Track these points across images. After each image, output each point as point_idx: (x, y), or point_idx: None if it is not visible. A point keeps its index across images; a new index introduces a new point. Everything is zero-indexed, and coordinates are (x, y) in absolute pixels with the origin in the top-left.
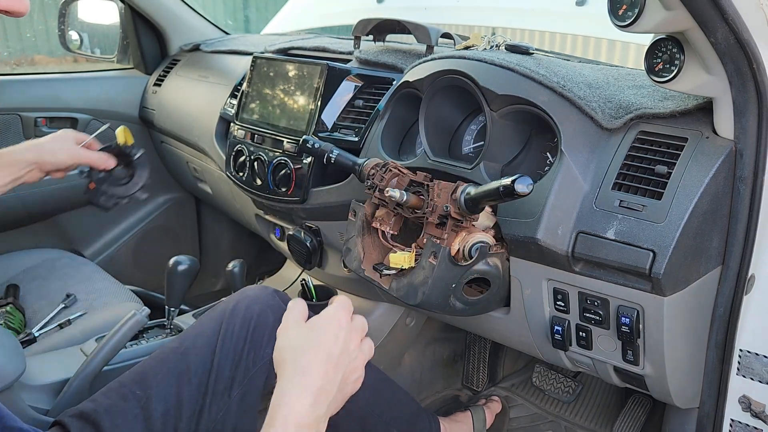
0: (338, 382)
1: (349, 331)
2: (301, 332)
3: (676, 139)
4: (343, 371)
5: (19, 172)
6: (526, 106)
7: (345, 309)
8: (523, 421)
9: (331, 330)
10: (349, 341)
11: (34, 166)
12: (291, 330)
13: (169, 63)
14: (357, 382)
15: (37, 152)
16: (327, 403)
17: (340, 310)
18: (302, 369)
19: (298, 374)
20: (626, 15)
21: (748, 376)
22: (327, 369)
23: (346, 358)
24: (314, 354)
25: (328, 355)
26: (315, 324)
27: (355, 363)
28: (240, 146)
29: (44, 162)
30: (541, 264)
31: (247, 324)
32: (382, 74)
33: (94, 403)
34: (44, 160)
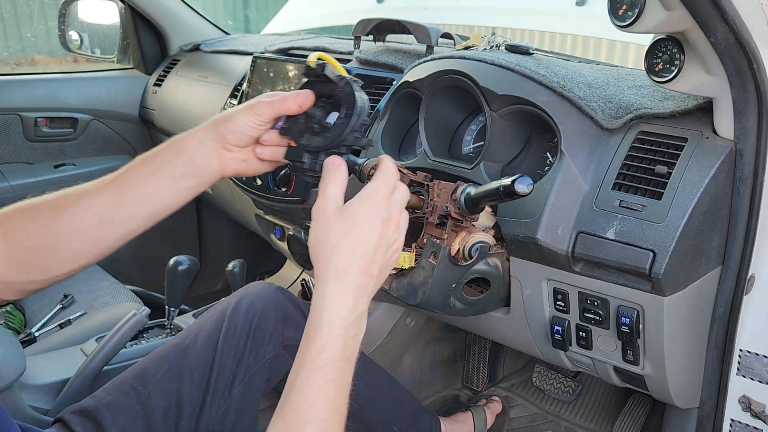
0: (377, 274)
1: (388, 217)
2: (337, 225)
3: (676, 139)
4: (381, 261)
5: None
6: (526, 106)
7: (388, 186)
8: (524, 421)
9: (369, 221)
10: (388, 229)
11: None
12: (328, 220)
13: (169, 63)
14: (395, 260)
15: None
16: (367, 295)
17: (382, 189)
18: (340, 271)
19: (337, 277)
20: (626, 15)
21: (748, 376)
22: (365, 266)
23: (383, 247)
24: (351, 252)
25: (365, 251)
26: (352, 213)
27: (394, 246)
28: None
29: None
30: (541, 264)
31: (249, 322)
32: (382, 74)
33: (95, 399)
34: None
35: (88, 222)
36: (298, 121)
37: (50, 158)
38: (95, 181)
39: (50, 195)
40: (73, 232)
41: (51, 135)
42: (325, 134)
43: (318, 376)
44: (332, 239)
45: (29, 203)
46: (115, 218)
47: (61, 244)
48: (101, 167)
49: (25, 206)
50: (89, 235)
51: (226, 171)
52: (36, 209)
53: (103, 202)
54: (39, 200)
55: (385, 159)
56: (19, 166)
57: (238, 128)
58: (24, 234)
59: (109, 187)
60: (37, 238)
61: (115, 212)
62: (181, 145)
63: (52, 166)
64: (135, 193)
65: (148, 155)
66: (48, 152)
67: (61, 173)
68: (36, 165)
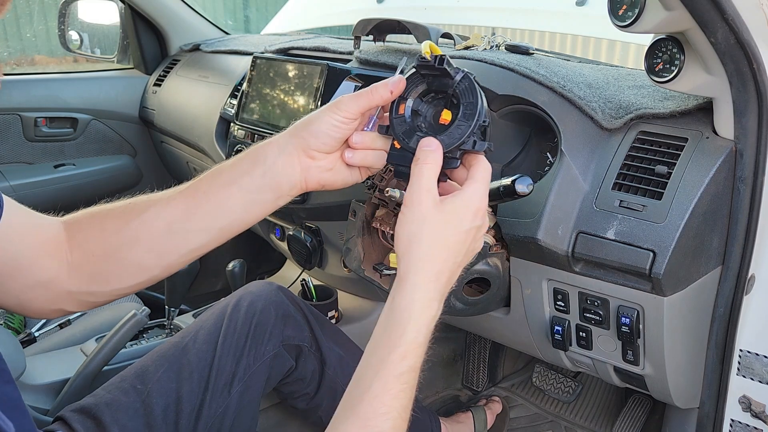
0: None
1: (482, 225)
2: (435, 224)
3: (676, 139)
4: (462, 268)
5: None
6: (527, 106)
7: (486, 188)
8: (524, 422)
9: (466, 226)
10: (478, 235)
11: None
12: (426, 215)
13: (169, 63)
14: None
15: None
16: (449, 289)
17: (483, 192)
18: (434, 276)
19: (428, 282)
20: (626, 15)
21: (748, 376)
22: (453, 273)
23: (469, 255)
24: (446, 257)
25: (455, 258)
26: (453, 215)
27: (474, 252)
28: (240, 146)
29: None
30: (541, 264)
31: (249, 320)
32: (382, 74)
33: (94, 398)
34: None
35: (156, 232)
36: (403, 120)
37: (50, 158)
38: (168, 190)
39: (120, 202)
40: (140, 242)
41: (51, 135)
42: (439, 136)
43: (397, 384)
44: (428, 238)
45: (98, 210)
46: (184, 230)
47: (127, 255)
48: (101, 167)
49: (94, 212)
50: (156, 247)
51: (309, 183)
52: (105, 216)
53: (173, 211)
54: (108, 207)
55: (482, 157)
56: (19, 166)
57: (322, 129)
58: (90, 241)
59: (181, 196)
60: (102, 246)
61: (185, 224)
62: (259, 154)
63: (52, 166)
64: (207, 205)
65: (224, 165)
66: (48, 152)
67: (61, 173)
68: (36, 165)
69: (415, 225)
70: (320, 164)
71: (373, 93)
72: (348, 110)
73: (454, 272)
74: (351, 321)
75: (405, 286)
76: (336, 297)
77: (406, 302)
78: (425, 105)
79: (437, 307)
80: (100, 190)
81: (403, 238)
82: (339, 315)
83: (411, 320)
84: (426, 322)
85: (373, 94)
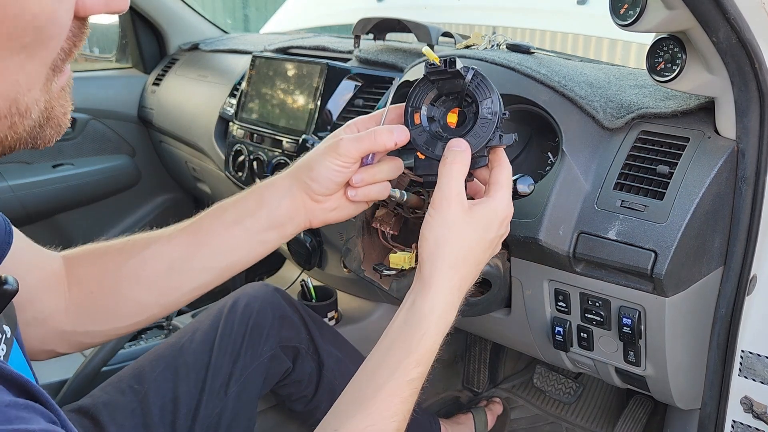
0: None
1: (504, 234)
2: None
3: (677, 138)
4: None
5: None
6: (528, 105)
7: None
8: (524, 423)
9: (491, 235)
10: (498, 245)
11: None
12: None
13: (168, 62)
14: None
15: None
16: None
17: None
18: (457, 282)
19: (451, 288)
20: (628, 14)
21: (750, 377)
22: (473, 279)
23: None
24: (471, 264)
25: (477, 266)
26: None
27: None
28: (239, 146)
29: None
30: (542, 264)
31: (246, 321)
32: (382, 73)
33: (92, 398)
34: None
35: (156, 270)
36: (422, 129)
37: (48, 158)
38: (169, 227)
39: (120, 240)
40: (140, 280)
41: None
42: (466, 137)
43: (408, 388)
44: (455, 243)
45: (98, 246)
46: (185, 269)
47: (126, 293)
48: (100, 167)
49: (93, 248)
50: (157, 285)
51: (314, 222)
52: (104, 253)
53: (174, 250)
54: (108, 244)
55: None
56: (18, 165)
57: (323, 175)
58: (89, 277)
59: (182, 234)
60: (101, 283)
61: (187, 263)
62: (264, 195)
63: (51, 166)
64: (210, 244)
65: (227, 203)
66: (46, 152)
67: (59, 173)
68: (34, 165)
69: (444, 229)
70: (324, 206)
71: (376, 139)
72: (348, 155)
73: (473, 279)
74: (351, 322)
75: (429, 291)
76: (336, 298)
77: (428, 307)
78: (438, 109)
79: (455, 314)
80: (99, 190)
81: (430, 241)
82: (339, 316)
83: (431, 326)
84: (443, 330)
85: (376, 140)
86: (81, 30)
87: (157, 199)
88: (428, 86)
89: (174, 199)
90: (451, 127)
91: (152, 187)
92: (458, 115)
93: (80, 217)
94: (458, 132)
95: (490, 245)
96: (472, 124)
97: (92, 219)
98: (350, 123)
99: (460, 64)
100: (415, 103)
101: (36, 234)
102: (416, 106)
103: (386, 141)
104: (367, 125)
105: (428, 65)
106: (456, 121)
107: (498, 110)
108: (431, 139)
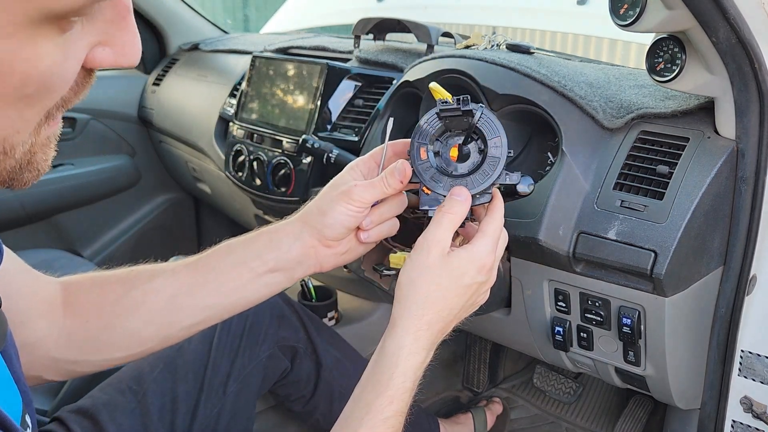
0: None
1: (487, 280)
2: (436, 275)
3: (677, 138)
4: (462, 317)
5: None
6: (527, 105)
7: (495, 241)
8: (524, 423)
9: (467, 282)
10: (481, 289)
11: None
12: (430, 265)
13: (168, 62)
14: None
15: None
16: (441, 339)
17: (491, 247)
18: (424, 325)
19: (418, 330)
20: (627, 14)
21: (750, 377)
22: (447, 324)
23: (469, 307)
24: (440, 309)
25: (451, 311)
26: (456, 269)
27: (479, 301)
28: (239, 146)
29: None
30: (542, 264)
31: (244, 321)
32: (382, 73)
33: (91, 398)
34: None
35: (157, 304)
36: (429, 165)
37: None
38: (174, 262)
39: (122, 269)
40: (140, 312)
41: None
42: (473, 176)
43: (383, 427)
44: (426, 287)
45: (99, 275)
46: (187, 305)
47: (124, 324)
48: (100, 167)
49: (95, 277)
50: (156, 319)
51: (324, 267)
52: (105, 282)
53: (176, 285)
54: (110, 273)
55: (499, 208)
56: None
57: (336, 221)
58: (89, 306)
59: (187, 270)
60: (100, 312)
61: (189, 298)
62: (273, 239)
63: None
64: (214, 282)
65: (236, 242)
66: None
67: (59, 173)
68: None
69: (416, 272)
70: (336, 251)
71: (387, 185)
72: (362, 201)
73: (449, 323)
74: (351, 322)
75: (395, 331)
76: (336, 298)
77: (395, 347)
78: (441, 143)
79: (426, 355)
80: (99, 190)
81: (403, 284)
82: (339, 316)
83: (398, 365)
84: (413, 368)
85: (388, 185)
86: (86, 80)
87: (157, 199)
88: (436, 122)
89: (174, 199)
90: (456, 163)
91: (152, 187)
92: (458, 149)
93: (80, 217)
94: (466, 168)
95: (466, 291)
96: (481, 162)
97: (92, 219)
98: (353, 166)
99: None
100: (422, 139)
101: (36, 234)
102: (423, 142)
103: (395, 184)
104: (368, 165)
105: (441, 103)
106: (457, 156)
107: (505, 149)
108: (437, 174)
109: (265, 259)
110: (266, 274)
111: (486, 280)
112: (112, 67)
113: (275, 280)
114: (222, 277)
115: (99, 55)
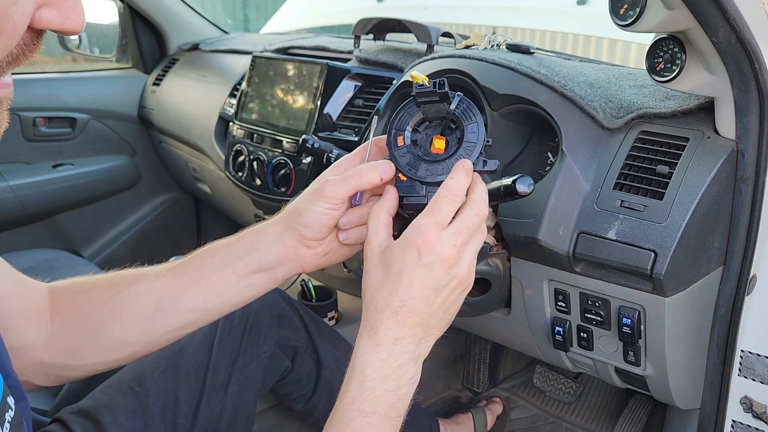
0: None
1: (433, 261)
2: (377, 272)
3: (677, 138)
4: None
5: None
6: (527, 105)
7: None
8: (524, 423)
9: (407, 270)
10: (435, 273)
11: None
12: (371, 265)
13: (168, 62)
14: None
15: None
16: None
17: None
18: (373, 323)
19: (370, 328)
20: (627, 14)
21: (750, 377)
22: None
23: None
24: (384, 304)
25: (402, 303)
26: (389, 260)
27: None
28: (239, 146)
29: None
30: (542, 264)
31: (245, 321)
32: (382, 73)
33: (92, 399)
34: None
35: (141, 308)
36: (405, 151)
37: (49, 158)
38: (158, 265)
39: (107, 274)
40: (125, 316)
41: (49, 135)
42: (447, 162)
43: (347, 428)
44: (370, 287)
45: (86, 279)
46: (172, 309)
47: (109, 329)
48: (100, 167)
49: (81, 282)
50: (141, 323)
51: (306, 268)
52: (91, 286)
53: (160, 288)
54: (96, 278)
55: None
56: (18, 166)
57: (312, 220)
58: (74, 310)
59: (171, 273)
60: (85, 317)
61: (173, 302)
62: (255, 241)
63: (51, 166)
64: (198, 286)
65: (218, 245)
66: (46, 152)
67: (59, 173)
68: (34, 165)
69: (365, 274)
70: (317, 251)
71: (361, 177)
72: (335, 197)
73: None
74: (351, 321)
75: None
76: (336, 297)
77: (354, 348)
78: (421, 134)
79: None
80: (99, 190)
81: (362, 288)
82: (339, 315)
83: (355, 366)
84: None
85: (362, 178)
86: (34, 42)
87: (157, 199)
88: (413, 109)
89: (174, 199)
90: (434, 153)
91: (152, 187)
92: (437, 140)
93: (80, 217)
94: (442, 156)
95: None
96: (456, 149)
97: (92, 219)
98: (336, 164)
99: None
100: (399, 125)
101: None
102: (400, 129)
103: (372, 178)
104: (353, 163)
105: (417, 86)
106: (442, 148)
107: (482, 135)
108: (414, 160)
109: (246, 261)
110: (249, 276)
111: (433, 261)
112: (57, 31)
113: (259, 281)
114: (205, 281)
115: (45, 15)
